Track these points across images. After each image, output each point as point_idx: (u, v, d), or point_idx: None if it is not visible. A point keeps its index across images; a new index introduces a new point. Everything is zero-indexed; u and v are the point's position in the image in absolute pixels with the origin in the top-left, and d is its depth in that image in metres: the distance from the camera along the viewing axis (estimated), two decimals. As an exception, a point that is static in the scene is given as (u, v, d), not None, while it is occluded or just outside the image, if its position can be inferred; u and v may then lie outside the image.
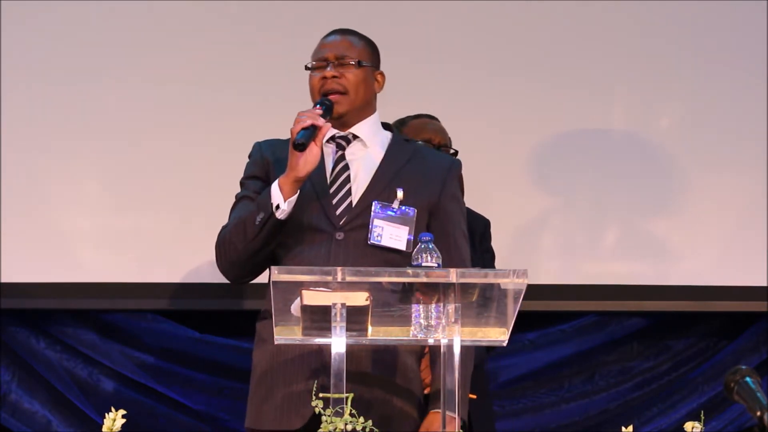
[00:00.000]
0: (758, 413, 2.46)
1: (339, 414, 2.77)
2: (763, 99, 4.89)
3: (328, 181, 3.34)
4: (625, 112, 4.93)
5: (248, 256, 3.31)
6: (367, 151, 3.40)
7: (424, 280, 2.86)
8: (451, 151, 4.27)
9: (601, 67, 4.89)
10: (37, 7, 4.73)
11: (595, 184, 4.89)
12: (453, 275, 2.84)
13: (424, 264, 2.93)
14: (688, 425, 2.97)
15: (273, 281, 2.85)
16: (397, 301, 2.92)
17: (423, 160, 3.41)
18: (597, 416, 4.91)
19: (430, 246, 2.93)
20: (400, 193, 3.29)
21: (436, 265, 2.94)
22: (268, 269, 3.26)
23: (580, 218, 4.89)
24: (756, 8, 4.91)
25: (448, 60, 4.84)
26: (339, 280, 2.83)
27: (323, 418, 2.75)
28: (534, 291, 3.24)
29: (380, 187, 3.32)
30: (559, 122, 4.86)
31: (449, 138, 4.31)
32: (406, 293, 2.91)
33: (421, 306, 2.93)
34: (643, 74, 4.90)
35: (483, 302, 2.92)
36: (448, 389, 2.90)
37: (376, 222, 3.27)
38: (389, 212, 3.28)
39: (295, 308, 2.91)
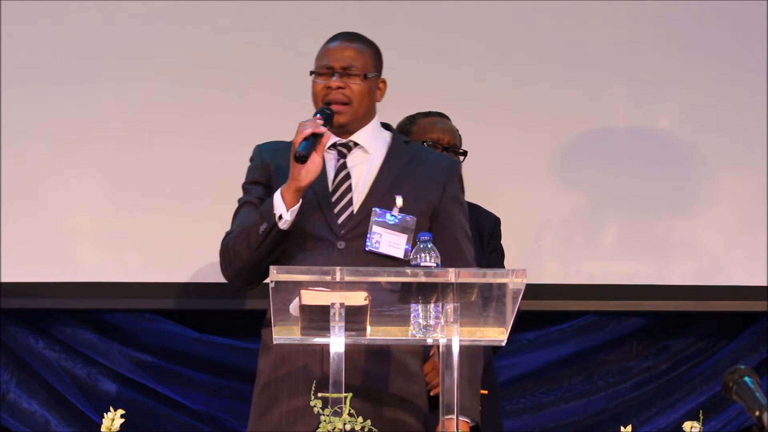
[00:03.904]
0: (757, 413, 2.46)
1: (338, 414, 2.77)
2: (764, 99, 4.88)
3: (330, 190, 3.34)
4: (626, 111, 4.93)
5: (253, 265, 3.32)
6: (368, 157, 3.40)
7: (423, 279, 2.86)
8: (460, 151, 4.26)
9: (601, 67, 4.89)
10: (37, 7, 4.73)
11: (595, 184, 4.89)
12: (452, 275, 2.85)
13: (422, 264, 2.94)
14: (687, 425, 2.97)
15: (272, 281, 2.85)
16: (396, 300, 2.92)
17: (422, 163, 3.42)
18: (596, 416, 4.92)
19: (429, 246, 2.94)
20: (399, 201, 3.30)
21: (434, 264, 2.94)
22: None
23: (580, 218, 4.89)
24: (756, 8, 4.91)
25: (451, 60, 4.84)
26: (338, 279, 2.83)
27: (322, 417, 2.75)
28: (533, 291, 3.24)
29: (380, 194, 3.33)
30: (558, 122, 4.86)
31: (459, 137, 4.29)
32: (405, 293, 2.91)
33: (420, 306, 2.93)
34: (644, 74, 4.90)
35: (482, 302, 2.92)
36: (447, 389, 2.90)
37: (375, 229, 3.28)
38: (388, 219, 3.29)
39: (293, 308, 2.91)
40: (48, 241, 4.70)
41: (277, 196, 3.25)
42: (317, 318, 2.89)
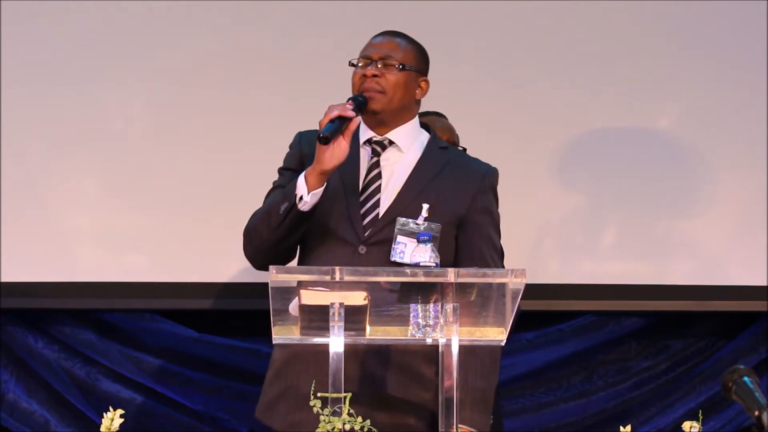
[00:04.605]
0: (756, 413, 2.46)
1: (337, 414, 2.77)
2: (763, 98, 4.88)
3: (360, 187, 3.33)
4: (625, 111, 4.93)
5: (272, 245, 3.30)
6: (402, 157, 3.38)
7: (422, 279, 2.86)
8: (459, 148, 4.26)
9: (601, 67, 4.89)
10: (37, 7, 4.73)
11: (595, 184, 4.89)
12: (451, 275, 2.84)
13: (422, 264, 2.94)
14: (686, 425, 2.96)
15: (271, 280, 2.85)
16: (395, 300, 2.92)
17: (455, 171, 3.38)
18: (595, 416, 4.92)
19: (429, 245, 2.94)
20: (425, 209, 3.26)
21: (434, 264, 2.94)
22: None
23: (580, 218, 4.89)
24: (756, 8, 4.91)
25: (451, 60, 4.83)
26: (337, 279, 2.83)
27: (321, 417, 2.75)
28: (532, 290, 3.24)
29: (408, 200, 3.30)
30: (558, 122, 4.86)
31: (457, 135, 4.29)
32: (405, 293, 2.91)
33: (419, 306, 2.93)
34: (643, 74, 4.90)
35: (481, 302, 2.92)
36: (447, 389, 2.90)
37: (400, 239, 3.24)
38: (413, 228, 3.24)
39: (293, 308, 2.91)
40: (48, 241, 4.71)
41: (301, 178, 3.23)
42: (317, 318, 2.89)
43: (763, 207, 4.87)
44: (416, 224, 3.24)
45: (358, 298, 2.86)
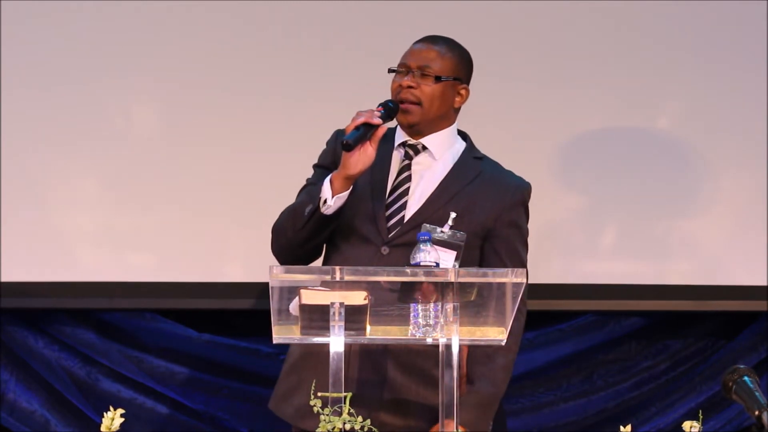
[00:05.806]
0: (756, 412, 2.47)
1: (337, 413, 2.77)
2: (763, 98, 4.88)
3: (389, 189, 3.34)
4: (625, 111, 4.93)
5: (297, 244, 3.32)
6: (435, 164, 3.39)
7: (423, 279, 2.86)
8: None
9: (601, 67, 4.89)
10: (37, 7, 4.73)
11: (595, 184, 4.88)
12: (451, 275, 2.85)
13: (422, 263, 2.94)
14: (686, 425, 2.97)
15: (271, 280, 2.85)
16: (395, 300, 2.93)
17: (486, 183, 3.40)
18: (595, 415, 4.92)
19: (429, 245, 2.94)
20: (451, 218, 3.25)
21: (434, 264, 2.94)
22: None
23: (580, 218, 4.89)
24: (756, 8, 4.91)
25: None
26: (337, 279, 2.83)
27: (321, 417, 2.75)
28: (533, 290, 3.24)
29: (435, 207, 3.32)
30: (557, 122, 4.86)
31: None
32: (405, 293, 2.91)
33: (419, 305, 2.94)
34: (643, 74, 4.89)
35: (482, 301, 2.92)
36: (447, 389, 2.90)
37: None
38: (438, 235, 3.22)
39: (293, 307, 2.91)
40: (48, 240, 4.71)
41: (327, 181, 3.24)
42: (317, 317, 2.89)
43: (763, 207, 4.87)
44: (441, 232, 3.23)
45: (358, 297, 2.86)
